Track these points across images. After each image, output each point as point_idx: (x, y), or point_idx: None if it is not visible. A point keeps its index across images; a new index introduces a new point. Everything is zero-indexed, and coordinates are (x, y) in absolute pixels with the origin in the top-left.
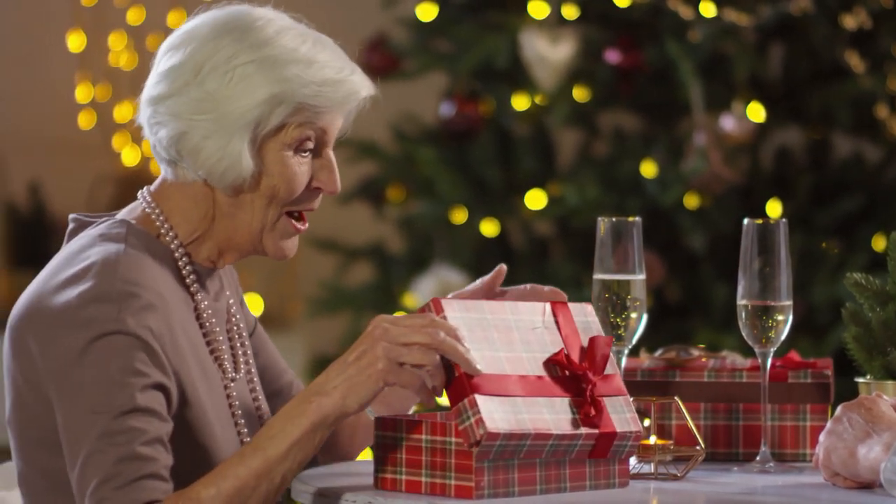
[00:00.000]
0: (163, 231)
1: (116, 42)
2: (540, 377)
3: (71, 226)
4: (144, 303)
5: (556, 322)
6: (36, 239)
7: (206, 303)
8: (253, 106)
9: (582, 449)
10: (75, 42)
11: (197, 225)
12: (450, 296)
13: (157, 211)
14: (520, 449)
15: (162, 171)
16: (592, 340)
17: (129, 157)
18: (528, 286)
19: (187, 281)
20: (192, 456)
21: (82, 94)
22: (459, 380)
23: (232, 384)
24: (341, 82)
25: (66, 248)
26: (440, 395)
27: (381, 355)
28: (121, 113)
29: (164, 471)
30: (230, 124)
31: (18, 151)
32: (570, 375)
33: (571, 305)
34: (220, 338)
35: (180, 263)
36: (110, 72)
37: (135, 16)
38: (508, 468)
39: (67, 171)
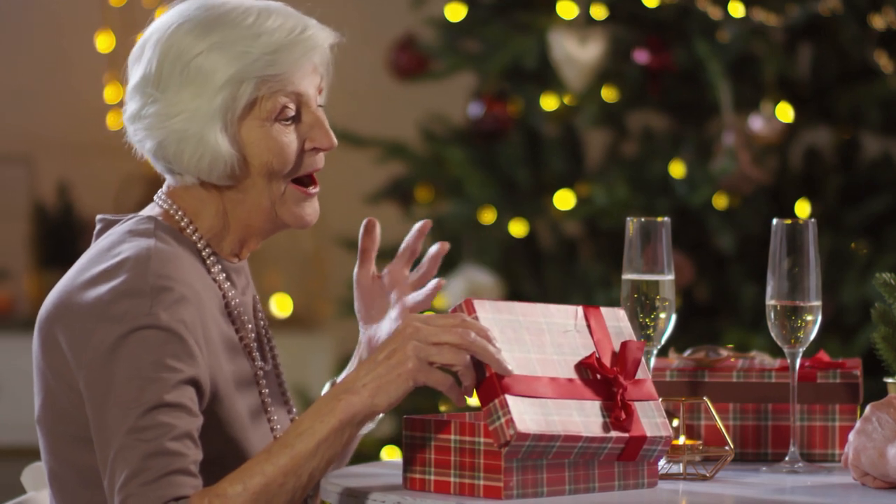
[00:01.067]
0: (182, 225)
1: None
2: (571, 380)
3: (98, 226)
4: (177, 296)
5: (588, 326)
6: (64, 239)
7: (232, 293)
8: (213, 94)
9: (611, 452)
10: (104, 43)
11: (213, 222)
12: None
13: (174, 207)
14: (549, 450)
15: (166, 178)
16: (624, 345)
17: None
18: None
19: (213, 272)
20: (225, 449)
21: (111, 94)
22: (490, 380)
23: (261, 372)
24: (294, 43)
25: (96, 246)
26: (471, 395)
27: (412, 354)
28: None
29: (192, 466)
30: (199, 119)
31: (47, 152)
32: (602, 379)
33: (604, 310)
34: (250, 325)
35: (204, 254)
36: None
37: None
38: (537, 468)
39: (96, 172)
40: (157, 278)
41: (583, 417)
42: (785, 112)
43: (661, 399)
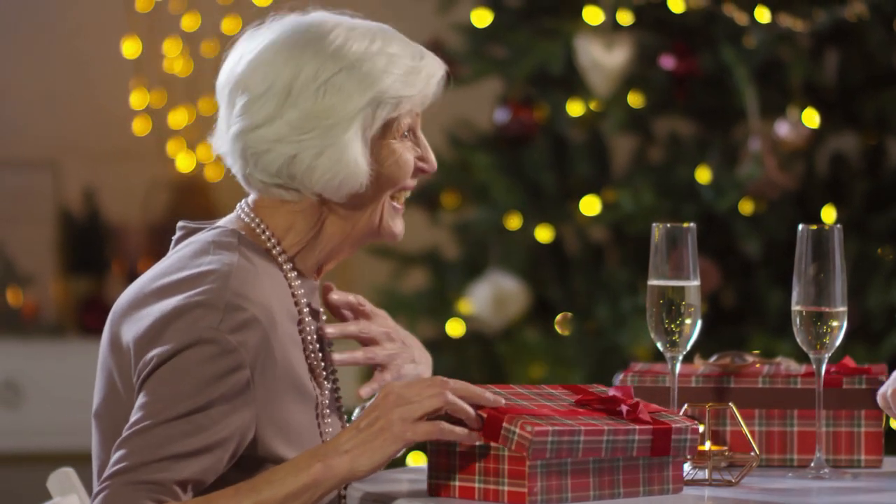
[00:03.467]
0: (269, 244)
1: (171, 48)
2: (573, 409)
3: (179, 233)
4: (248, 316)
5: (571, 391)
6: (90, 245)
7: (308, 318)
8: (355, 113)
9: (641, 446)
10: (130, 48)
11: (302, 237)
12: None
13: (262, 226)
14: (575, 447)
15: (257, 191)
16: (615, 390)
17: (184, 163)
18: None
19: (297, 294)
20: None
21: (137, 100)
22: (490, 416)
23: (326, 400)
24: (420, 67)
25: (177, 252)
26: (477, 426)
27: (396, 419)
28: (175, 119)
29: (175, 485)
30: (338, 136)
31: (73, 157)
32: (603, 406)
33: (583, 386)
34: (318, 353)
35: (289, 276)
36: (165, 78)
37: (190, 22)
38: (561, 474)
39: (122, 178)
40: (233, 296)
41: (597, 421)
42: (811, 118)
43: (686, 405)
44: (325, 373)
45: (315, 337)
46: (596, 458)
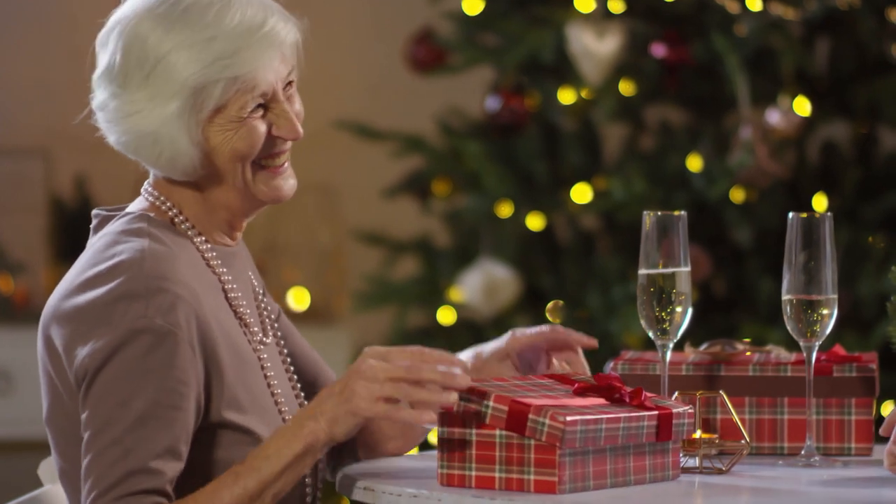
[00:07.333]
0: (176, 220)
1: None
2: (575, 398)
3: (94, 221)
4: (172, 297)
5: (562, 383)
6: (81, 233)
7: (232, 281)
8: (172, 96)
9: (649, 431)
10: None
11: (198, 207)
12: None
13: (167, 203)
14: (598, 434)
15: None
16: (601, 376)
17: None
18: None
19: (212, 263)
20: (232, 439)
21: None
22: (512, 410)
23: (261, 347)
24: (256, 42)
25: (91, 246)
26: (450, 404)
27: (359, 391)
28: None
29: (168, 485)
30: (155, 119)
31: (65, 145)
32: (600, 393)
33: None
34: (249, 311)
35: (201, 247)
36: None
37: None
38: (585, 462)
39: (113, 165)
40: (151, 280)
41: (608, 409)
42: (802, 106)
43: (676, 393)
44: (261, 333)
45: (241, 296)
46: (612, 445)
